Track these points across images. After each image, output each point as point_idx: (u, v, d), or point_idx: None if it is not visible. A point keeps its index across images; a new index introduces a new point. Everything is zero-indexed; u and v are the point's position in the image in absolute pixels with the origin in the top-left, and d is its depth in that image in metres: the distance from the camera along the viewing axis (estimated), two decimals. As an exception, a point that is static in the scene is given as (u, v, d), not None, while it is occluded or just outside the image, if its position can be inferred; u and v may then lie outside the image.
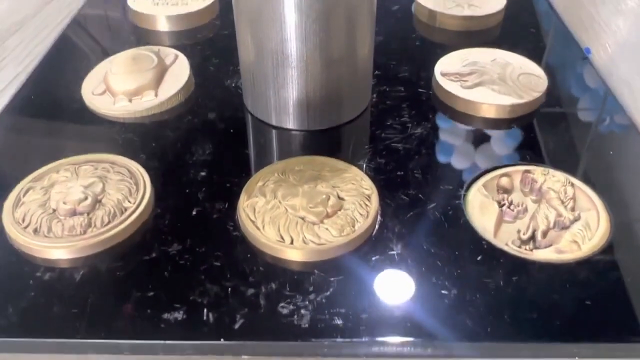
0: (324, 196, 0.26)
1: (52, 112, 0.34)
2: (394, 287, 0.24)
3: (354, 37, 0.29)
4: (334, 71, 0.30)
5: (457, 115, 0.33)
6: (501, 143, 0.31)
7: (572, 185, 0.28)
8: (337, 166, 0.28)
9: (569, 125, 0.32)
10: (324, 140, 0.31)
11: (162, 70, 0.35)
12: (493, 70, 0.34)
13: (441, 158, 0.30)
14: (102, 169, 0.28)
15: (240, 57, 0.32)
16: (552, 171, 0.28)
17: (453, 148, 0.31)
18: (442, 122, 0.32)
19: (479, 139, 0.31)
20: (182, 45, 0.40)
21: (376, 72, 0.36)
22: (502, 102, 0.32)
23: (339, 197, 0.27)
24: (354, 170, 0.28)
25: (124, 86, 0.33)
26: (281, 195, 0.26)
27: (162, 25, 0.41)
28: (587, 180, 0.28)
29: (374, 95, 0.34)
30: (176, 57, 0.36)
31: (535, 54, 0.38)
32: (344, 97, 0.31)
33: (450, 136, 0.31)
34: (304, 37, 0.28)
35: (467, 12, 0.40)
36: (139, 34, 0.41)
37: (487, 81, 0.34)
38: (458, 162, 0.30)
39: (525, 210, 0.27)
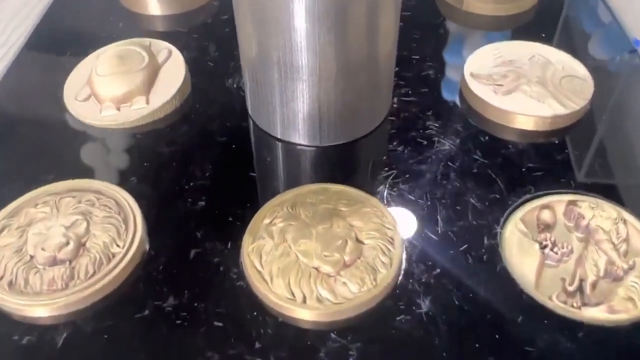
0: (340, 241, 0.23)
1: (29, 124, 0.30)
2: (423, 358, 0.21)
3: (375, 44, 0.25)
4: (351, 83, 0.26)
5: (490, 125, 0.29)
6: (541, 162, 0.27)
7: (625, 222, 0.24)
8: (354, 197, 0.25)
9: (620, 141, 0.28)
10: (339, 158, 0.28)
11: (154, 71, 0.31)
12: (531, 72, 0.30)
13: (472, 182, 0.26)
14: (85, 201, 0.24)
15: (242, 60, 0.28)
16: (601, 202, 0.25)
17: (485, 168, 0.27)
18: (472, 135, 0.28)
19: (515, 157, 0.27)
20: (177, 34, 0.35)
21: (396, 68, 0.31)
22: (542, 113, 0.28)
23: (358, 240, 0.23)
24: (374, 202, 0.25)
25: (111, 91, 0.29)
26: (292, 239, 0.23)
27: (154, 9, 0.36)
28: (642, 215, 0.24)
29: (394, 100, 0.30)
30: (170, 53, 0.32)
31: (576, 45, 0.34)
32: (361, 110, 0.27)
33: (482, 153, 0.27)
34: (317, 47, 0.24)
35: (499, -7, 0.36)
36: (129, 19, 0.37)
37: (524, 84, 0.29)
38: (491, 187, 0.26)
39: (571, 252, 0.24)
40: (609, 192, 0.26)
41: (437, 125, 0.29)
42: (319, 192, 0.25)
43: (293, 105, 0.26)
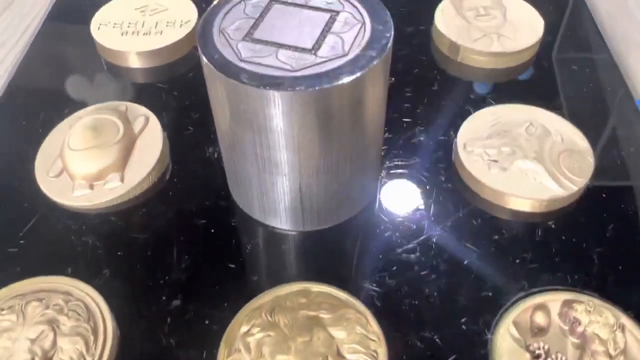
0: (320, 358, 0.21)
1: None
2: None
3: (361, 135, 0.23)
4: (336, 175, 0.24)
5: (483, 204, 0.27)
6: (536, 252, 0.26)
7: (624, 330, 0.23)
8: (337, 300, 0.23)
9: (621, 229, 0.27)
10: (322, 245, 0.26)
11: (130, 143, 0.29)
12: (528, 146, 0.28)
13: (463, 277, 0.25)
14: (53, 306, 0.23)
15: (219, 141, 0.26)
16: (598, 305, 0.23)
17: (477, 260, 0.25)
18: (464, 218, 0.27)
19: (509, 246, 0.26)
20: (156, 91, 0.33)
21: (386, 134, 0.30)
22: (539, 195, 0.26)
23: (339, 354, 0.22)
24: (358, 306, 0.23)
25: (84, 168, 0.28)
26: (269, 353, 0.22)
27: (133, 62, 0.35)
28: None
29: (383, 174, 0.29)
30: (147, 120, 0.30)
31: (577, 105, 0.32)
32: (347, 197, 0.26)
33: (474, 241, 0.26)
34: (297, 146, 0.22)
35: (496, 45, 0.34)
36: (108, 73, 0.35)
37: (520, 161, 0.28)
38: (483, 282, 0.25)
39: (565, 362, 0.22)
40: (608, 289, 0.24)
41: (428, 206, 0.27)
42: (300, 293, 0.24)
43: (273, 196, 0.25)
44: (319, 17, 0.23)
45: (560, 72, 0.34)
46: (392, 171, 0.29)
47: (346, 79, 0.21)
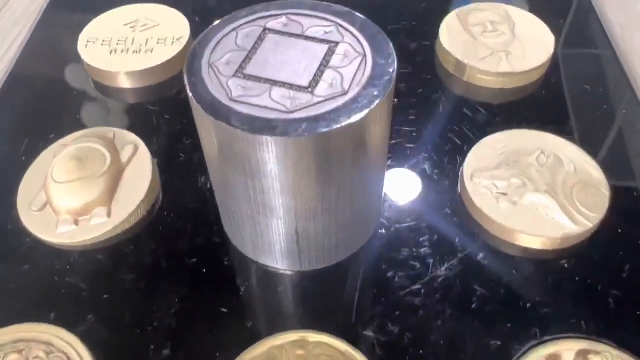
0: (318, 422, 0.20)
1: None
2: None
3: (364, 176, 0.22)
4: (334, 217, 0.22)
5: (492, 241, 0.26)
6: (548, 296, 0.24)
7: (644, 385, 0.21)
8: (336, 351, 0.22)
9: (638, 269, 0.25)
10: (321, 286, 0.25)
11: (117, 174, 0.27)
12: (539, 178, 0.27)
13: (471, 323, 0.23)
14: (34, 359, 0.22)
15: (211, 178, 0.24)
16: (617, 355, 0.22)
17: (485, 304, 0.24)
18: (472, 257, 0.25)
19: (520, 289, 0.24)
20: (146, 114, 0.32)
21: (389, 161, 0.28)
22: (551, 233, 0.25)
23: (338, 415, 0.21)
24: (358, 358, 0.22)
25: (69, 202, 0.26)
26: (263, 415, 0.20)
27: (122, 82, 0.33)
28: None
29: (385, 207, 0.27)
30: (136, 149, 0.28)
31: (590, 129, 0.30)
32: (347, 237, 0.24)
33: (482, 283, 0.24)
34: (294, 190, 0.21)
35: (504, 64, 0.32)
36: (97, 94, 0.33)
37: (531, 194, 0.26)
38: (492, 330, 0.23)
39: (581, 421, 0.21)
40: (627, 338, 0.23)
41: (432, 242, 0.26)
42: (297, 344, 0.22)
43: (268, 237, 0.23)
44: (317, 49, 0.21)
45: (571, 91, 0.32)
46: (394, 203, 0.27)
47: (346, 122, 0.19)
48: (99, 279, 0.25)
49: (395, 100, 0.31)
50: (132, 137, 0.29)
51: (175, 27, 0.35)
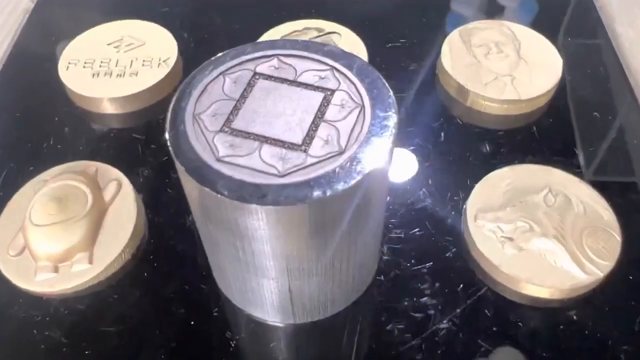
0: None
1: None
2: None
3: (361, 235, 0.20)
4: (330, 276, 0.21)
5: (497, 288, 0.24)
6: (554, 350, 0.23)
7: None
8: (332, 418, 0.21)
9: (650, 323, 0.24)
10: (316, 340, 0.23)
11: (99, 215, 0.26)
12: (547, 221, 0.25)
13: (474, 382, 0.22)
14: None
15: (198, 231, 0.23)
16: (628, 421, 0.21)
17: (489, 355, 0.23)
18: (475, 307, 0.24)
19: (525, 343, 0.23)
20: (132, 144, 0.30)
21: (387, 198, 0.27)
22: (559, 283, 0.23)
23: None
24: None
25: (48, 248, 0.25)
26: None
27: (106, 108, 0.31)
28: None
29: (384, 250, 0.26)
30: (119, 186, 0.27)
31: (600, 162, 0.29)
32: (342, 293, 0.23)
33: (486, 336, 0.23)
34: (287, 253, 0.19)
35: (509, 91, 0.30)
36: (76, 118, 0.31)
37: (537, 239, 0.25)
38: (497, 389, 0.22)
39: None
40: (637, 399, 0.22)
41: (433, 289, 0.24)
42: (291, 410, 0.21)
43: (259, 294, 0.22)
44: (311, 99, 0.19)
45: (579, 119, 0.31)
46: (394, 245, 0.26)
47: (342, 187, 0.17)
48: (80, 332, 0.24)
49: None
50: (115, 172, 0.27)
51: (161, 47, 0.33)
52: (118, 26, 0.34)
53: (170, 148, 0.18)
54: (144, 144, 0.30)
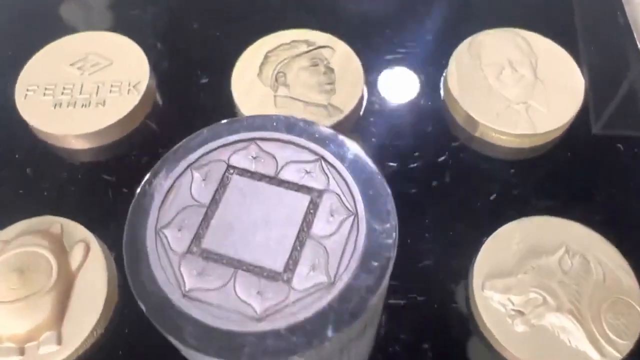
0: None
1: None
2: None
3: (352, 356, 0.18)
4: None
5: (506, 367, 0.22)
6: None
7: None
8: None
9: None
10: None
11: (66, 286, 0.23)
12: (563, 292, 0.23)
13: None
14: None
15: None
16: None
17: None
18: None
19: None
20: (100, 186, 0.27)
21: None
22: (574, 368, 0.22)
23: None
24: None
25: (11, 328, 0.22)
26: None
27: (71, 144, 0.28)
28: None
29: (383, 319, 0.23)
30: (87, 249, 0.24)
31: (622, 212, 0.26)
32: None
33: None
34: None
35: (523, 123, 0.26)
36: (38, 156, 0.28)
37: (552, 314, 0.22)
38: None
39: None
40: None
41: (435, 368, 0.22)
42: None
43: None
44: (295, 204, 0.16)
45: (602, 154, 0.27)
46: (393, 311, 0.24)
47: (331, 332, 0.15)
48: None
49: (394, 164, 0.27)
50: (82, 231, 0.24)
51: (131, 66, 0.29)
52: (82, 40, 0.30)
53: (128, 277, 0.16)
54: (114, 186, 0.27)
